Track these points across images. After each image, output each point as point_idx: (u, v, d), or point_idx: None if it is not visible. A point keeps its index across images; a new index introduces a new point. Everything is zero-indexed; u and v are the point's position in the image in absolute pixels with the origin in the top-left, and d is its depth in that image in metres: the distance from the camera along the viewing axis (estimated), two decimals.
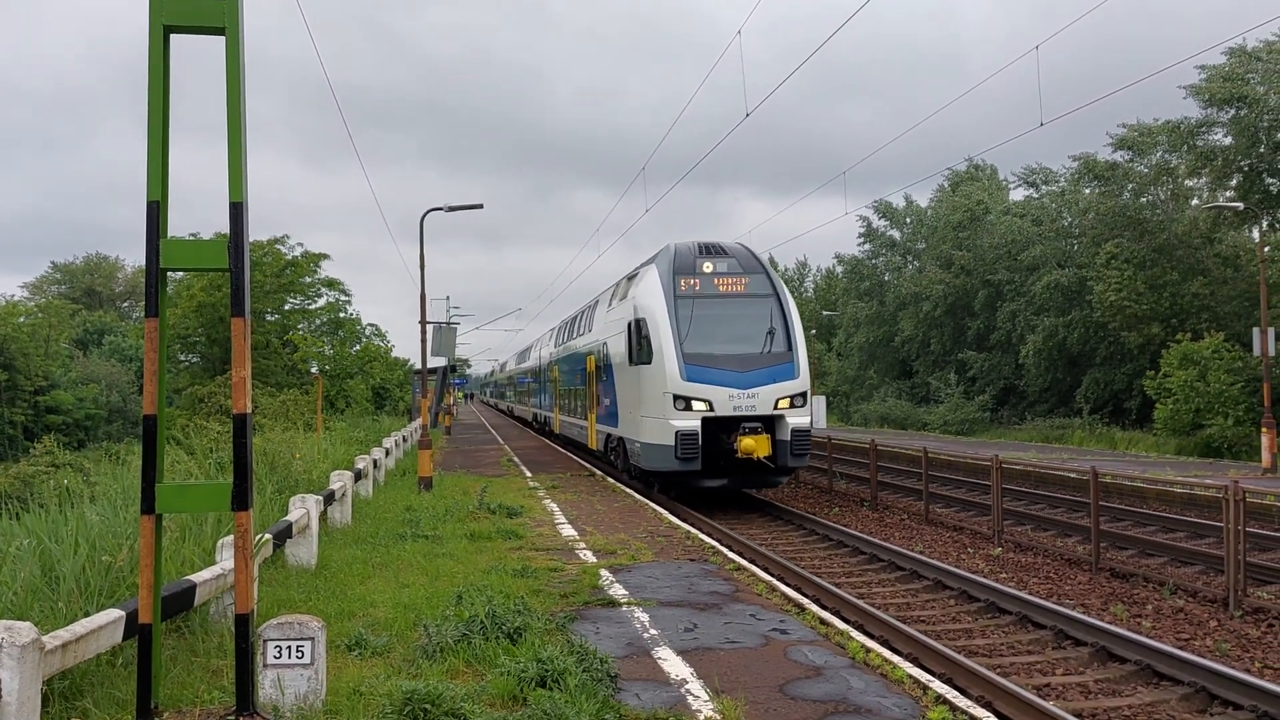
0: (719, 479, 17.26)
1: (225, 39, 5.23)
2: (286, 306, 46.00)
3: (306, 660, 5.63)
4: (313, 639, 5.65)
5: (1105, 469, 16.17)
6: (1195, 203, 34.01)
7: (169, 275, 5.43)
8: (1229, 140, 30.98)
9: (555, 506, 15.89)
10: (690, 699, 6.13)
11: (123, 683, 5.88)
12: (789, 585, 10.78)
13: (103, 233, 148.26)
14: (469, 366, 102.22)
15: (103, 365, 62.84)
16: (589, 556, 11.26)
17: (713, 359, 16.99)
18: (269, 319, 44.00)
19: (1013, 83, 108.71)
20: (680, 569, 10.56)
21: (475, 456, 28.06)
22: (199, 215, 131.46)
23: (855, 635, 7.84)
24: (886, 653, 7.37)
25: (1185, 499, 16.75)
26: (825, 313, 63.95)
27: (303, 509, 10.20)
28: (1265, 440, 21.48)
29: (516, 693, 6.01)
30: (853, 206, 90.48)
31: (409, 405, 51.13)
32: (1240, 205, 27.49)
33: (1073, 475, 17.65)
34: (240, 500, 5.22)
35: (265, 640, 5.61)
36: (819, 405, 20.59)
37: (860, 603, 10.26)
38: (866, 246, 55.69)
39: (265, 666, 5.59)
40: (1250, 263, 30.91)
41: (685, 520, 15.89)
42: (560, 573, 10.23)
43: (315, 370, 43.06)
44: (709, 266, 18.11)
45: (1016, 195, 49.14)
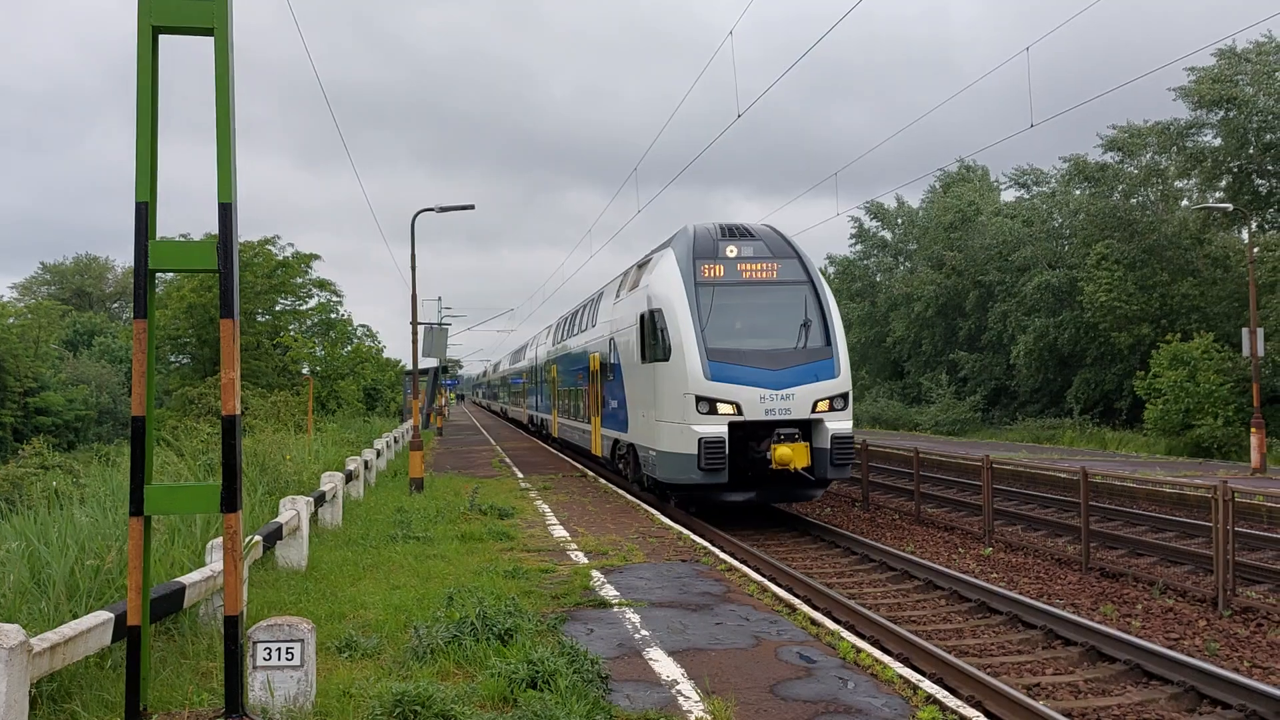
0: (747, 492, 15.16)
1: (214, 40, 5.21)
2: (277, 307, 45.94)
3: (296, 662, 5.62)
4: (302, 641, 5.64)
5: (1095, 469, 16.21)
6: (1185, 204, 34.21)
7: (158, 276, 5.41)
8: (1218, 142, 31.19)
9: (547, 508, 15.87)
10: (681, 699, 6.13)
11: (111, 685, 5.86)
12: (780, 586, 10.82)
13: (92, 233, 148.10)
14: (460, 367, 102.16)
15: (92, 366, 62.53)
16: (580, 557, 11.26)
17: (740, 355, 14.97)
18: (260, 320, 43.91)
19: (1003, 84, 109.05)
20: (672, 570, 10.57)
21: (467, 458, 28.01)
22: (190, 215, 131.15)
23: (846, 635, 7.85)
24: (877, 653, 7.39)
25: (1175, 499, 16.82)
26: None
27: (293, 510, 10.19)
28: (1254, 440, 21.59)
29: (507, 694, 6.02)
30: (844, 207, 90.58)
31: (400, 406, 51.07)
32: (1229, 206, 27.69)
33: (1063, 475, 17.71)
34: (229, 502, 5.21)
35: (255, 642, 5.60)
36: None
37: (851, 603, 10.27)
38: (858, 247, 55.82)
39: (255, 668, 5.58)
40: (1239, 263, 31.07)
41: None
42: (552, 574, 10.23)
43: (306, 371, 43.03)
44: (733, 250, 15.95)
45: (1007, 196, 49.28)
